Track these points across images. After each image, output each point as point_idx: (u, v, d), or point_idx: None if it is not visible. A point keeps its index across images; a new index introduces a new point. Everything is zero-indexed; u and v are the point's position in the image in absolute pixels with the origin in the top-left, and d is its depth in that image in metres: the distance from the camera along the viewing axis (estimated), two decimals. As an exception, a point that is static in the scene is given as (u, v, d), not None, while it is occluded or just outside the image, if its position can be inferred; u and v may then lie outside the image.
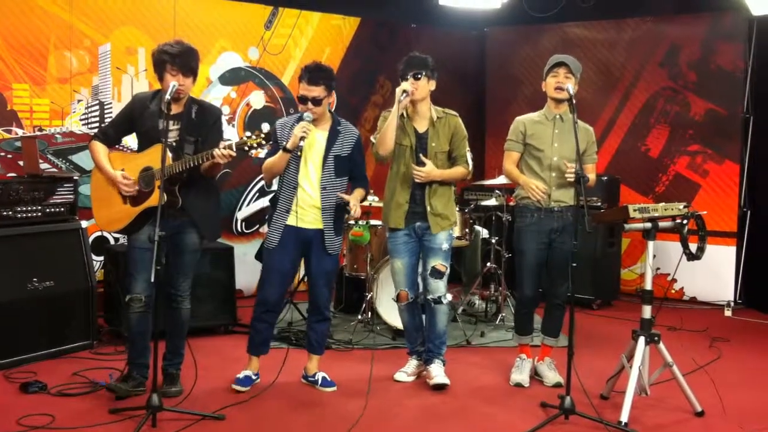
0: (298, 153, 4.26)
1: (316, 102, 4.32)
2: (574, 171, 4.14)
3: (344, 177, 4.49)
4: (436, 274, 4.57)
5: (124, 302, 4.34)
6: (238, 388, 4.44)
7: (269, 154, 4.43)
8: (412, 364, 4.82)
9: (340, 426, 4.00)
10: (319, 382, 4.59)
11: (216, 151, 3.93)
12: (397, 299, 4.74)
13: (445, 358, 4.69)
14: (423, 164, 4.52)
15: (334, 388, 4.57)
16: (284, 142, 4.30)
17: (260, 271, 4.59)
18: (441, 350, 4.68)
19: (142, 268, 4.15)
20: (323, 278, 4.53)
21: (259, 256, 5.45)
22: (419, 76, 4.47)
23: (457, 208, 5.37)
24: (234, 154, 3.97)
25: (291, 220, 4.40)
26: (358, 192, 4.52)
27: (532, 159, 4.62)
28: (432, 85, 4.57)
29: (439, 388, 4.55)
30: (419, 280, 4.76)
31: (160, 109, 4.14)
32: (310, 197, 4.41)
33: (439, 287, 4.58)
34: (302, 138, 4.17)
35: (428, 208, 4.55)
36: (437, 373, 4.59)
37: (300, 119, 4.34)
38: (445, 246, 4.60)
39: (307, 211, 4.41)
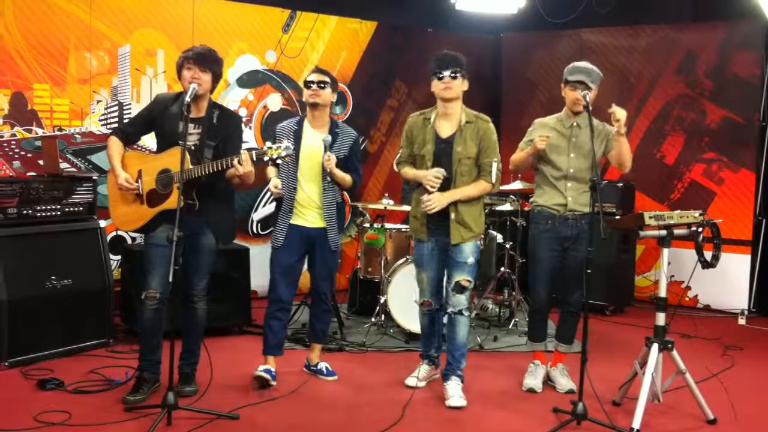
0: (294, 157, 4.34)
1: (322, 85, 4.50)
2: (590, 178, 4.12)
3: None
4: (460, 289, 4.45)
5: (138, 299, 4.37)
6: (264, 375, 4.48)
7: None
8: (424, 369, 4.77)
9: (354, 429, 4.02)
10: (323, 371, 4.72)
11: (236, 161, 3.95)
12: (421, 305, 4.69)
13: (463, 373, 4.55)
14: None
15: (336, 377, 4.70)
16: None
17: (270, 271, 4.63)
18: (460, 364, 4.53)
19: (159, 265, 4.18)
20: (327, 273, 4.68)
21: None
22: (456, 75, 4.33)
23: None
24: (251, 169, 4.03)
25: (294, 220, 4.54)
26: (342, 173, 4.53)
27: (549, 167, 4.61)
28: (465, 85, 4.39)
29: (456, 409, 4.38)
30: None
31: (181, 111, 4.18)
32: (309, 197, 4.52)
33: (461, 301, 4.48)
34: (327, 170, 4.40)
35: (452, 215, 4.37)
36: (454, 393, 4.41)
37: (300, 122, 4.54)
38: (471, 260, 4.45)
39: (308, 209, 4.52)
